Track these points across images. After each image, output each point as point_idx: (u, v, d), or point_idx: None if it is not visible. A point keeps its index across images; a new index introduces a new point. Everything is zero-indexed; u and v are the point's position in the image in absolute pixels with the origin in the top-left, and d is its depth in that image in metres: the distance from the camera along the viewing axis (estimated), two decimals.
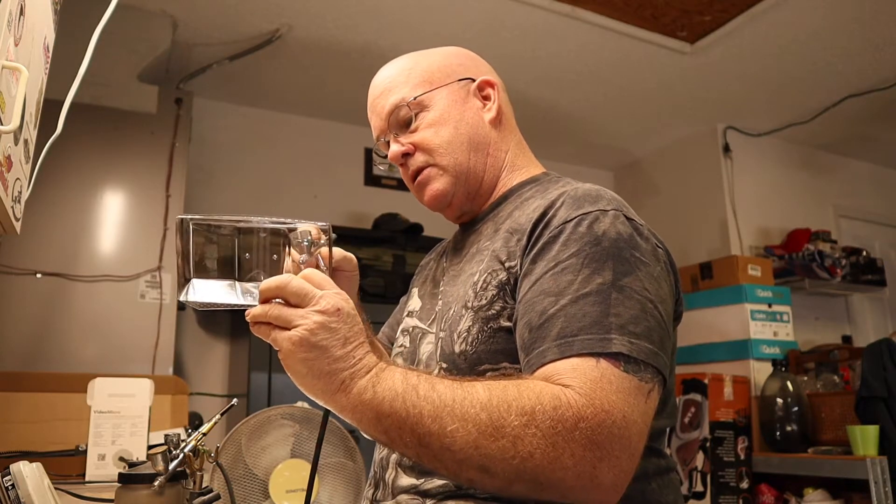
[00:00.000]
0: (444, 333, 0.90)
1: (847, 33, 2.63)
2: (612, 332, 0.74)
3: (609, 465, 0.69)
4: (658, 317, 0.79)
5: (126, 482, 0.81)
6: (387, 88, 1.01)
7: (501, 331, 0.84)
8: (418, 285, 1.11)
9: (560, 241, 0.81)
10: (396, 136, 1.00)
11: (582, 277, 0.78)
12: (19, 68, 0.87)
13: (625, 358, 0.73)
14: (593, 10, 2.50)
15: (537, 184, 0.99)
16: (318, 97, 3.14)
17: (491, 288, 0.87)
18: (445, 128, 0.98)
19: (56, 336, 2.12)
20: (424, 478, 0.85)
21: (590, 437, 0.69)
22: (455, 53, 1.05)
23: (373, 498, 0.92)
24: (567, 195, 0.87)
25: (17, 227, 1.07)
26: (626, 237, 0.81)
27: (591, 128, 3.48)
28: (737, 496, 2.54)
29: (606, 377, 0.72)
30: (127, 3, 2.26)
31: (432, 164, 0.99)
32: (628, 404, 0.71)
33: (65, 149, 1.46)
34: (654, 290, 0.80)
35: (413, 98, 0.98)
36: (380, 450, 0.94)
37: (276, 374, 2.52)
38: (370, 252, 2.84)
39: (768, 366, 2.68)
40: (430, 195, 1.00)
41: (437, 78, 1.00)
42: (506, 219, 0.95)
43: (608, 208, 0.83)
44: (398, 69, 1.02)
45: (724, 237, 3.36)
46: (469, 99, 1.01)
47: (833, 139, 3.62)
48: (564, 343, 0.74)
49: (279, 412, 1.21)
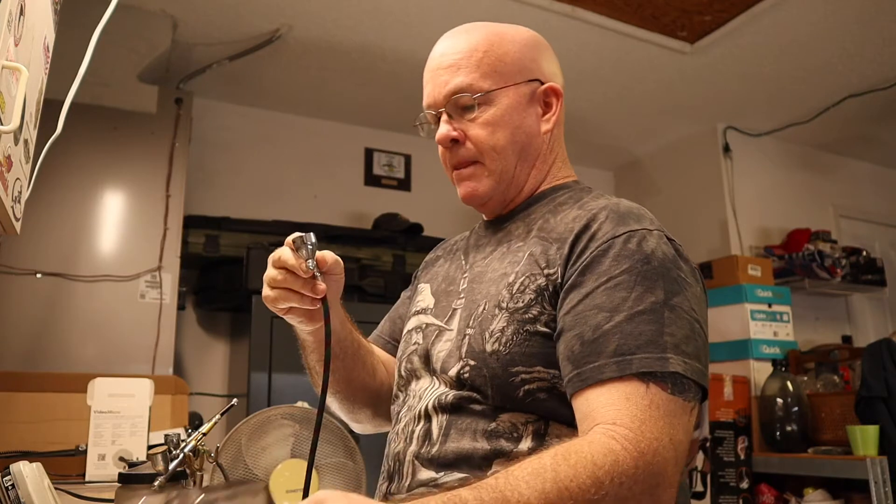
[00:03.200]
0: (473, 330, 0.89)
1: (847, 33, 2.63)
2: (668, 351, 0.76)
3: (665, 485, 0.73)
4: (703, 336, 0.82)
5: (126, 482, 0.81)
6: (454, 64, 0.96)
7: (538, 335, 0.85)
8: (428, 281, 1.09)
9: (610, 256, 0.82)
10: (451, 117, 0.97)
11: (635, 295, 0.79)
12: (19, 68, 0.87)
13: (672, 378, 0.75)
14: (593, 10, 2.50)
15: (569, 190, 1.00)
16: (318, 97, 3.14)
17: (529, 291, 0.87)
18: (503, 131, 0.95)
19: (56, 336, 2.12)
20: (444, 471, 0.84)
21: (647, 470, 0.71)
22: (532, 45, 1.01)
23: (387, 491, 0.92)
24: (610, 210, 0.87)
25: (17, 227, 1.07)
26: (671, 258, 0.83)
27: (591, 128, 3.48)
28: (737, 496, 2.54)
29: (655, 403, 0.74)
30: (127, 3, 2.26)
31: (480, 162, 0.97)
32: (674, 426, 0.74)
33: (65, 149, 1.46)
34: (699, 309, 0.83)
35: (479, 90, 0.94)
36: (395, 443, 0.94)
37: (276, 374, 2.52)
38: (370, 252, 2.84)
39: (768, 366, 2.68)
40: (468, 192, 0.99)
41: (508, 72, 0.96)
42: (538, 221, 0.95)
43: (652, 228, 0.85)
44: (471, 45, 0.97)
45: (724, 237, 3.36)
46: (532, 102, 0.98)
47: (833, 139, 3.62)
48: (623, 361, 0.76)
49: (279, 412, 1.21)
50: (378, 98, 3.14)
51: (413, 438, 0.90)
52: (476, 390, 0.86)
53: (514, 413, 0.84)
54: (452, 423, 0.87)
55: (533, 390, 0.83)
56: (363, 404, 1.09)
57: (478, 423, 0.85)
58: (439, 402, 0.89)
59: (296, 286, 0.87)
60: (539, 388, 0.84)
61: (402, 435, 0.92)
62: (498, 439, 0.83)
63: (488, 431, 0.84)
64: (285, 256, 0.86)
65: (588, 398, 0.77)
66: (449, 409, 0.88)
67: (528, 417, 0.84)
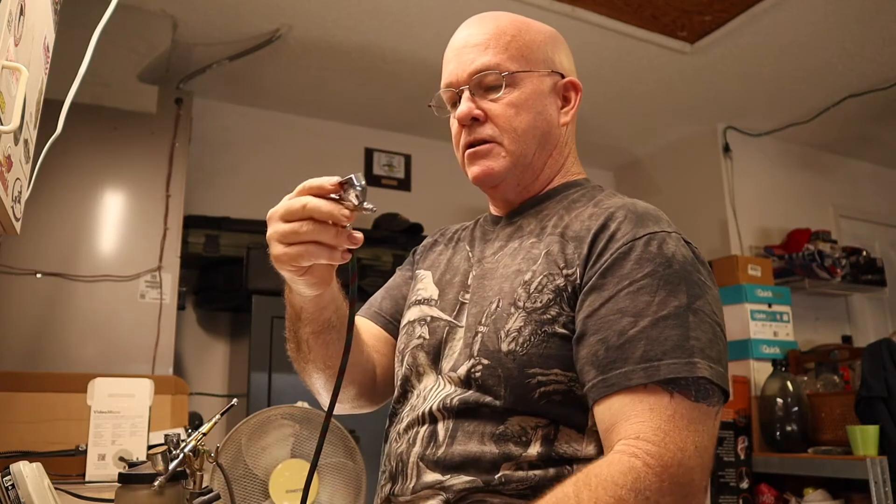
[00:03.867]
0: (487, 329, 0.88)
1: (847, 33, 2.63)
2: (694, 355, 0.76)
3: (695, 491, 0.73)
4: (724, 339, 0.82)
5: (126, 482, 0.81)
6: (482, 43, 0.95)
7: (556, 336, 0.84)
8: (428, 269, 1.06)
9: (632, 258, 0.82)
10: (473, 95, 0.95)
11: (659, 299, 0.79)
12: (19, 68, 0.87)
13: (696, 384, 0.75)
14: (593, 9, 2.50)
15: (581, 188, 0.99)
16: (318, 97, 3.14)
17: (547, 291, 0.85)
18: (526, 114, 0.95)
19: (56, 336, 2.12)
20: (450, 473, 0.83)
21: (673, 482, 0.71)
22: (556, 41, 1.02)
23: (390, 492, 0.90)
24: (627, 210, 0.87)
25: (17, 227, 1.07)
26: (691, 261, 0.83)
27: (591, 128, 3.48)
28: (737, 496, 2.54)
29: (679, 412, 0.74)
30: (127, 3, 2.26)
31: (499, 142, 0.95)
32: (699, 433, 0.74)
33: (65, 149, 1.46)
34: (719, 313, 0.83)
35: (507, 69, 0.94)
36: (397, 444, 0.92)
37: (276, 374, 2.52)
38: (370, 252, 2.84)
39: (768, 366, 2.68)
40: (482, 169, 0.96)
41: (534, 59, 0.97)
42: (552, 217, 0.94)
43: (670, 230, 0.85)
44: (500, 29, 0.97)
45: (724, 237, 3.36)
46: (553, 93, 0.99)
47: (833, 139, 3.62)
48: (651, 367, 0.75)
49: (279, 412, 1.21)
50: (378, 98, 3.14)
51: (417, 440, 0.88)
52: (486, 391, 0.85)
53: (524, 416, 0.83)
54: (459, 426, 0.85)
55: (548, 392, 0.83)
56: (349, 381, 1.02)
57: (485, 426, 0.84)
58: (444, 404, 0.87)
59: (326, 238, 0.77)
60: (555, 390, 0.83)
61: (405, 436, 0.91)
62: (506, 443, 0.82)
63: (496, 435, 0.83)
64: (317, 204, 0.75)
65: (612, 407, 0.77)
66: (455, 412, 0.86)
67: (539, 421, 0.83)
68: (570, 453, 0.81)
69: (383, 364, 1.07)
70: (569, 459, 0.81)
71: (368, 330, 1.09)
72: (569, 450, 0.82)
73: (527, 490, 0.80)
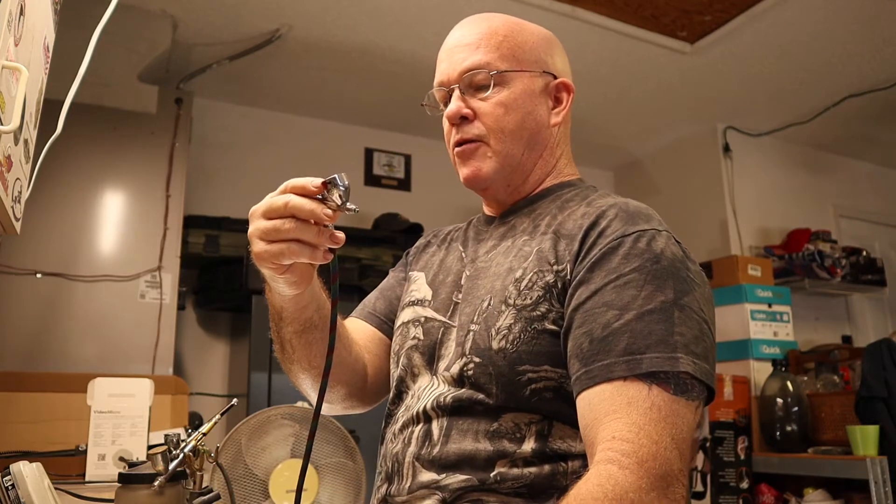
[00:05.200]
0: (478, 327, 0.88)
1: (847, 33, 2.63)
2: (678, 350, 0.76)
3: (676, 481, 0.73)
4: (711, 337, 0.81)
5: (126, 482, 0.81)
6: (473, 43, 0.96)
7: (545, 333, 0.84)
8: (421, 270, 1.06)
9: (620, 253, 0.82)
10: (463, 94, 0.96)
11: (645, 293, 0.79)
12: (19, 68, 0.87)
13: (676, 378, 0.75)
14: (593, 9, 2.50)
15: (575, 188, 0.99)
16: (318, 97, 3.14)
17: (537, 288, 0.86)
18: (514, 114, 0.95)
19: (56, 336, 2.12)
20: (445, 473, 0.83)
21: (651, 475, 0.70)
22: (549, 41, 1.03)
23: (386, 493, 0.90)
24: (619, 208, 0.87)
25: (17, 227, 1.07)
26: (680, 258, 0.83)
27: (591, 128, 3.48)
28: (737, 496, 2.54)
29: (656, 405, 0.74)
30: (127, 3, 2.26)
31: (486, 141, 0.95)
32: (676, 425, 0.74)
33: (65, 149, 1.46)
34: (707, 311, 0.82)
35: (496, 68, 0.94)
36: (392, 444, 0.92)
37: (276, 374, 2.52)
38: (370, 252, 2.84)
39: (768, 366, 2.68)
40: (470, 171, 0.96)
41: (525, 59, 0.97)
42: (545, 217, 0.94)
43: (661, 228, 0.85)
44: (491, 29, 0.97)
45: (724, 237, 3.36)
46: (544, 94, 0.99)
47: (833, 139, 3.62)
48: (633, 360, 0.75)
49: (279, 412, 1.21)
50: (378, 98, 3.14)
51: (412, 440, 0.89)
52: (479, 388, 0.85)
53: (517, 413, 0.83)
54: (453, 424, 0.86)
55: (539, 389, 0.83)
56: (337, 381, 1.01)
57: (479, 423, 0.84)
58: (438, 403, 0.87)
59: (308, 236, 0.76)
60: (546, 387, 0.83)
61: (401, 436, 0.91)
62: (500, 440, 0.82)
63: (490, 432, 0.83)
64: (300, 203, 0.75)
65: (592, 400, 0.77)
66: (449, 410, 0.86)
67: (532, 417, 0.83)
68: (564, 449, 0.82)
69: (375, 364, 1.07)
70: (563, 455, 0.82)
71: (361, 330, 1.09)
72: (563, 446, 0.82)
73: (522, 488, 0.80)
